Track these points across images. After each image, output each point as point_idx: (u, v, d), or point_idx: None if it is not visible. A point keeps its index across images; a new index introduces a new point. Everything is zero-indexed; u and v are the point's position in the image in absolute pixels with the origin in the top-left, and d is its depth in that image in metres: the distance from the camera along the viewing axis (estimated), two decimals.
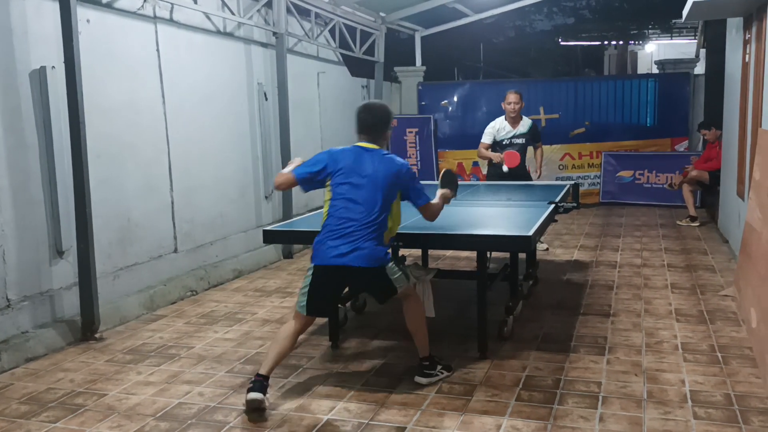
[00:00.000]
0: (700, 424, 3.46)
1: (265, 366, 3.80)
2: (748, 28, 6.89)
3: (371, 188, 3.86)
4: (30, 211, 4.82)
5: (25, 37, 4.75)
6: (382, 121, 4.06)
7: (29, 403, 3.92)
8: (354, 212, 3.83)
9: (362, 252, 3.78)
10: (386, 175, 3.89)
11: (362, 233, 3.80)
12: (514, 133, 7.28)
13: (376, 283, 3.93)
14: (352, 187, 3.87)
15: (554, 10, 25.91)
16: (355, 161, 3.93)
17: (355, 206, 3.84)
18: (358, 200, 3.84)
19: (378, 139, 4.02)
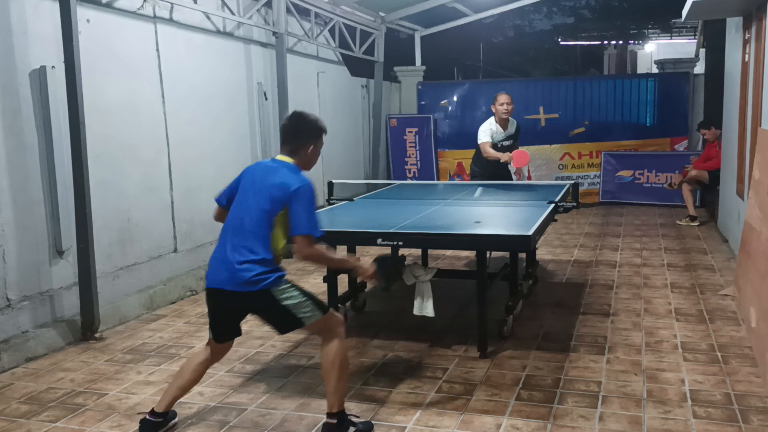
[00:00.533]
0: (700, 423, 3.46)
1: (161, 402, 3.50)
2: (747, 28, 6.89)
3: (253, 200, 3.36)
4: (30, 211, 4.82)
5: (25, 36, 4.75)
6: (303, 132, 3.49)
7: (29, 403, 3.93)
8: (235, 229, 3.37)
9: (238, 274, 3.27)
10: (271, 185, 3.33)
11: (240, 252, 3.30)
12: (505, 135, 7.03)
13: (263, 310, 3.39)
14: (238, 203, 3.44)
15: (554, 9, 25.88)
16: (253, 175, 3.48)
17: (237, 222, 3.38)
18: (240, 215, 3.38)
19: (297, 151, 3.46)
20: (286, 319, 3.37)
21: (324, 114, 9.51)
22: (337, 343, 3.42)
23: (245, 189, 3.45)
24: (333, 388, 3.40)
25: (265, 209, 3.32)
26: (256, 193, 3.38)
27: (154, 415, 3.48)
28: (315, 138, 3.52)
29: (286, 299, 3.33)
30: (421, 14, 10.76)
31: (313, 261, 3.50)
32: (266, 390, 4.03)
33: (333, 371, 3.39)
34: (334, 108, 9.92)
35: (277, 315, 3.37)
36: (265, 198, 3.33)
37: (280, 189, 3.30)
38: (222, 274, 3.33)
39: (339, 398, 3.42)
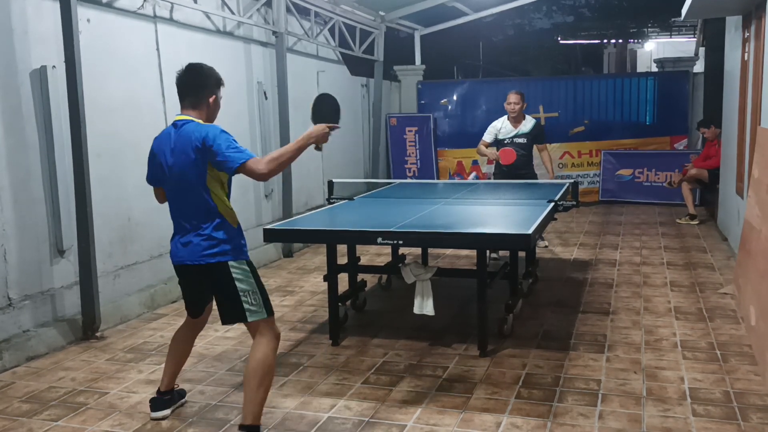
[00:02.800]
0: (699, 421, 3.47)
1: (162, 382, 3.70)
2: (747, 27, 6.90)
3: (178, 173, 3.27)
4: (31, 210, 4.83)
5: (26, 36, 4.76)
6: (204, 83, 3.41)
7: (31, 402, 3.94)
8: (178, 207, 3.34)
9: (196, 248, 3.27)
10: (183, 150, 3.23)
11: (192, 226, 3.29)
12: (516, 132, 7.27)
13: (218, 285, 3.30)
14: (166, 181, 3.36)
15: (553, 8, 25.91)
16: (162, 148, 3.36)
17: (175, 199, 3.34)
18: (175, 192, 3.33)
19: (199, 104, 3.39)
20: (233, 305, 3.27)
21: None
22: (270, 350, 3.28)
23: (165, 165, 3.33)
24: (252, 397, 3.21)
25: (194, 175, 3.22)
26: (177, 165, 3.26)
27: (161, 393, 3.70)
28: (215, 87, 3.42)
29: (240, 281, 3.26)
30: (421, 13, 10.77)
31: (274, 169, 3.18)
32: None
33: (256, 378, 3.20)
34: None
35: (227, 296, 3.28)
36: (187, 164, 3.22)
37: (195, 144, 3.18)
38: (182, 250, 3.33)
39: (257, 409, 3.24)
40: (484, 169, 11.51)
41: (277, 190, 8.04)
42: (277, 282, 6.71)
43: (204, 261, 3.26)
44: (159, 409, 3.68)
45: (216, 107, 3.45)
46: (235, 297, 3.25)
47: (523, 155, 7.24)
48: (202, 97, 3.38)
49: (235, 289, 3.25)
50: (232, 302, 3.27)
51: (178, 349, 3.71)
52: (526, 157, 7.29)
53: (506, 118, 7.36)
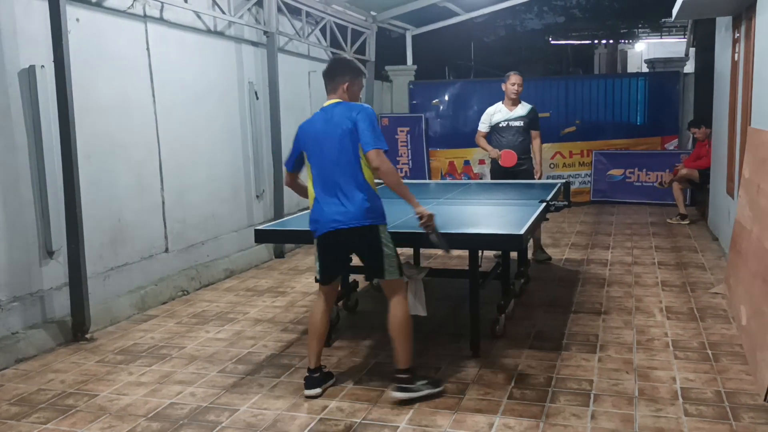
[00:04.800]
0: (691, 421, 3.48)
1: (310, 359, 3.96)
2: (737, 27, 6.93)
3: (330, 148, 3.71)
4: (20, 211, 4.79)
5: (14, 36, 4.72)
6: (337, 71, 3.86)
7: (20, 405, 3.90)
8: (329, 181, 3.73)
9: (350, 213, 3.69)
10: (337, 125, 3.70)
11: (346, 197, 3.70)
12: (511, 115, 6.92)
13: (366, 246, 3.76)
14: (318, 158, 3.77)
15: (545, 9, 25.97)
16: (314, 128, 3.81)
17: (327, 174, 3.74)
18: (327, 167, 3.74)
19: (336, 90, 3.85)
20: (377, 264, 3.75)
21: None
22: (405, 305, 3.82)
23: (316, 143, 3.77)
24: (404, 347, 3.76)
25: (346, 148, 3.67)
26: (329, 141, 3.71)
27: (311, 371, 3.93)
28: (350, 75, 3.86)
29: (385, 244, 3.76)
30: (413, 13, 10.76)
31: (387, 175, 3.69)
32: (258, 390, 4.02)
33: (402, 331, 3.76)
34: None
35: (373, 255, 3.75)
36: (340, 138, 3.67)
37: (346, 120, 3.67)
38: (335, 217, 3.70)
39: (409, 355, 3.77)
40: (476, 169, 11.51)
41: (269, 190, 8.02)
42: (268, 283, 6.69)
43: (363, 223, 3.69)
44: (311, 387, 3.89)
45: (352, 93, 3.88)
46: (380, 257, 3.73)
47: (521, 141, 6.92)
48: (337, 85, 3.84)
49: (381, 251, 3.74)
50: (377, 262, 3.75)
51: (318, 324, 3.94)
52: (524, 142, 6.94)
53: (501, 102, 7.04)
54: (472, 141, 11.85)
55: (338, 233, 3.73)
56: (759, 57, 5.61)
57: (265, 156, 7.92)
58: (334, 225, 3.72)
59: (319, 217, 3.80)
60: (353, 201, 3.69)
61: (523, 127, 6.96)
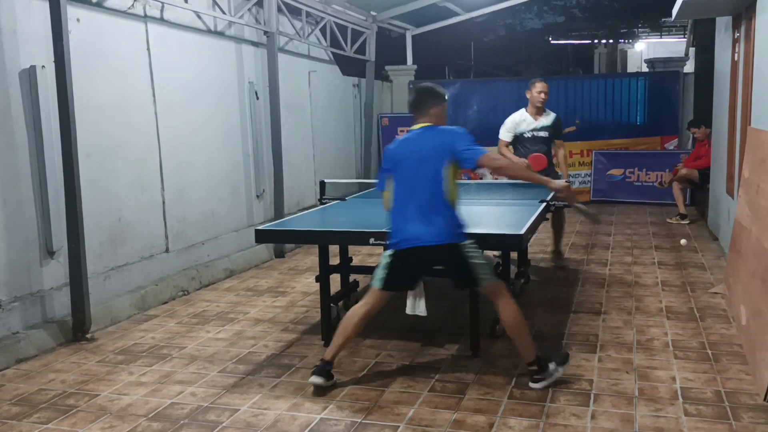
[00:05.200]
0: (691, 420, 3.48)
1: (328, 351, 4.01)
2: (737, 27, 6.93)
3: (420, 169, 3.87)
4: (20, 211, 4.79)
5: (15, 36, 4.72)
6: (423, 100, 4.04)
7: (20, 405, 3.90)
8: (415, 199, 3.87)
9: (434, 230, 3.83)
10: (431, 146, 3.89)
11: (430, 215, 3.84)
12: (536, 125, 6.58)
13: (451, 262, 3.91)
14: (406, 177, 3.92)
15: (544, 8, 25.98)
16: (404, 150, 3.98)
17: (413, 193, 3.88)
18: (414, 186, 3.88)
19: (425, 115, 4.02)
20: (468, 275, 3.89)
21: (315, 113, 9.51)
22: (513, 305, 3.96)
23: (406, 163, 3.91)
24: (524, 343, 3.94)
25: (436, 169, 3.83)
26: (418, 161, 3.86)
27: (325, 362, 3.96)
28: (439, 100, 4.05)
29: (472, 257, 3.86)
30: (413, 13, 10.76)
31: (508, 170, 4.13)
32: (259, 390, 4.02)
33: (519, 330, 3.94)
34: (326, 107, 9.91)
35: (462, 269, 3.88)
36: (432, 159, 3.84)
37: (441, 142, 3.87)
38: (419, 235, 3.82)
39: (531, 347, 3.94)
40: None
41: (269, 190, 8.02)
42: (268, 283, 6.69)
43: (447, 241, 3.82)
44: (319, 375, 3.91)
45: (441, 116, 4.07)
46: (469, 269, 3.87)
47: (546, 151, 6.57)
48: (425, 111, 4.02)
49: (468, 264, 3.86)
50: (468, 273, 3.88)
51: (353, 332, 4.01)
52: (548, 152, 6.60)
53: (524, 110, 6.66)
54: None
55: (421, 250, 3.85)
56: (759, 57, 5.62)
57: (265, 156, 7.92)
58: (416, 242, 3.84)
59: (402, 232, 3.90)
60: (437, 220, 3.83)
61: (548, 137, 6.64)
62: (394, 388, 3.99)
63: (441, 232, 3.82)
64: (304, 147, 9.24)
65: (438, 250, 3.84)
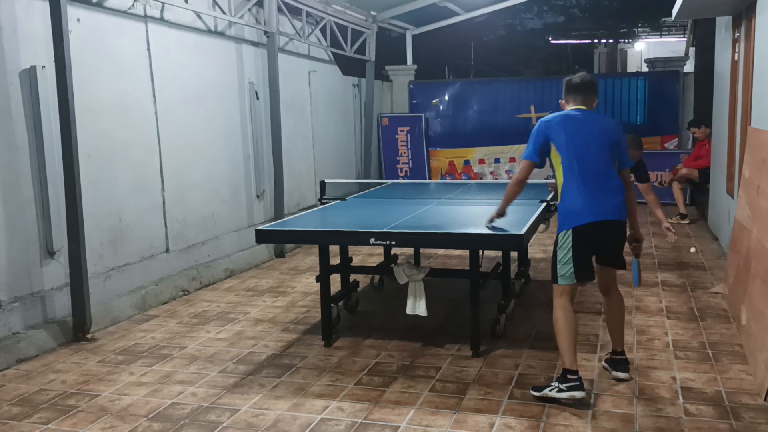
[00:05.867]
0: (692, 420, 3.48)
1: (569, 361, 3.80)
2: (737, 27, 6.93)
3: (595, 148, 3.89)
4: (20, 211, 4.79)
5: (15, 36, 4.72)
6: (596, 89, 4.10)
7: (21, 405, 3.90)
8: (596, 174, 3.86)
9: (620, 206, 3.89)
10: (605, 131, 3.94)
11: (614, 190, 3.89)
12: None
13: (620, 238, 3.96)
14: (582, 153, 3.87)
15: (544, 8, 25.98)
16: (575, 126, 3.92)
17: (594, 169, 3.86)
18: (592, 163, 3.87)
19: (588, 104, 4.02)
20: (620, 255, 3.98)
21: (315, 113, 9.51)
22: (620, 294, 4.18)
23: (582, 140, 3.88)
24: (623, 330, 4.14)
25: (610, 152, 3.91)
26: (595, 141, 3.89)
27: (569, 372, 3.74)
28: (597, 96, 4.14)
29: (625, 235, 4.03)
30: (413, 13, 10.76)
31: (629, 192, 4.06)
32: (259, 390, 4.02)
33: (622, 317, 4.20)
34: (326, 107, 9.91)
35: (621, 247, 3.98)
36: (606, 142, 3.91)
37: (614, 131, 3.98)
38: (610, 209, 3.83)
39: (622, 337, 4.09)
40: (475, 169, 11.53)
41: (269, 190, 8.02)
42: (269, 283, 6.69)
43: (624, 218, 3.95)
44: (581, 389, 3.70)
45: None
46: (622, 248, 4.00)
47: None
48: (593, 100, 4.07)
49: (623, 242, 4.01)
50: (620, 252, 3.98)
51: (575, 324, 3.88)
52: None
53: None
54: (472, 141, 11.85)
55: (604, 224, 3.82)
56: (759, 57, 5.62)
57: (265, 156, 7.92)
58: (604, 215, 3.82)
59: (587, 207, 3.81)
60: (617, 198, 3.88)
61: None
62: (394, 388, 3.99)
63: (623, 210, 3.90)
64: (304, 147, 9.24)
65: (616, 226, 3.89)
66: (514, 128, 11.52)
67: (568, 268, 3.83)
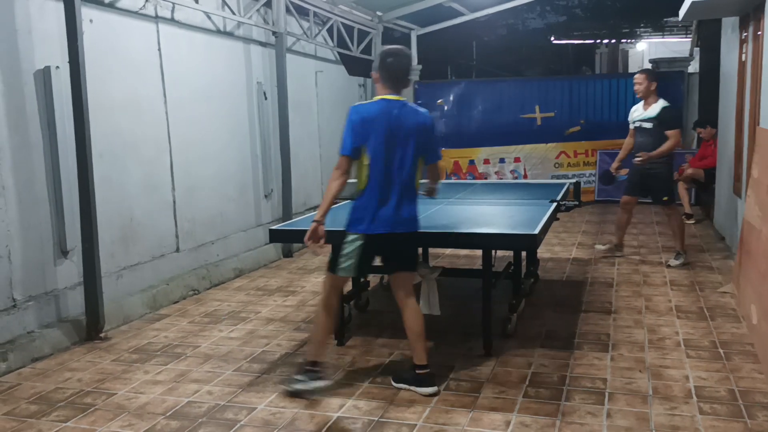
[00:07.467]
0: (706, 419, 3.51)
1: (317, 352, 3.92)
2: (744, 28, 6.95)
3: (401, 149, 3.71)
4: (35, 210, 4.82)
5: (29, 36, 4.75)
6: (410, 69, 3.84)
7: (38, 403, 3.93)
8: (392, 180, 3.72)
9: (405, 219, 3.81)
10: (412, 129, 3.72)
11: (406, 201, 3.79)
12: (643, 116, 6.77)
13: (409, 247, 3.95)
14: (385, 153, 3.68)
15: (547, 8, 25.96)
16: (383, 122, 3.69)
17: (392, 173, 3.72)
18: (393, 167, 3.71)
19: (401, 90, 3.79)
20: (414, 257, 3.98)
21: (322, 113, 9.53)
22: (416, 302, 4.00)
23: (386, 138, 3.68)
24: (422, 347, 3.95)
25: (415, 155, 3.74)
26: (401, 141, 3.70)
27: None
28: (411, 75, 3.91)
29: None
30: (418, 13, 10.77)
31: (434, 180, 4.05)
32: (275, 389, 4.05)
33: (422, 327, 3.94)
34: (332, 107, 9.93)
35: (413, 253, 3.97)
36: (412, 143, 3.71)
37: (423, 128, 3.75)
38: (399, 220, 3.77)
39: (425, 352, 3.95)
40: (480, 169, 11.54)
41: (277, 190, 8.04)
42: (278, 282, 6.71)
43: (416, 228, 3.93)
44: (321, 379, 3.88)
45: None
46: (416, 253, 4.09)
47: (649, 143, 6.66)
48: (406, 85, 3.83)
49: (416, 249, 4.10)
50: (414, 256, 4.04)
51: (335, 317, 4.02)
52: (653, 144, 6.61)
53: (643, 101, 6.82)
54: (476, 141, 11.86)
55: (400, 235, 3.81)
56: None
57: (273, 156, 7.94)
58: (395, 229, 3.78)
59: (381, 217, 3.75)
60: (412, 207, 3.84)
61: (652, 128, 6.68)
62: None
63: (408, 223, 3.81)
64: (311, 146, 9.26)
65: (403, 237, 3.80)
66: (518, 128, 11.55)
67: (350, 263, 3.82)
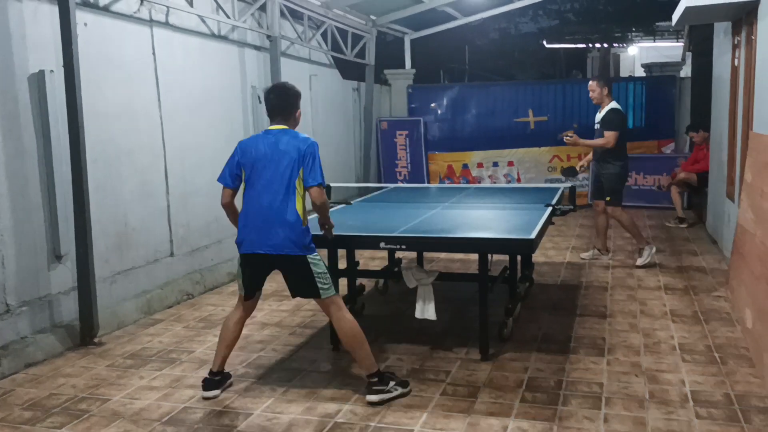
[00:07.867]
0: (703, 423, 3.52)
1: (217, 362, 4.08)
2: (737, 33, 6.99)
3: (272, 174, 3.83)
4: (28, 216, 4.78)
5: (23, 40, 4.72)
6: (291, 101, 4.01)
7: (32, 409, 3.90)
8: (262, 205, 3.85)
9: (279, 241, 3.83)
10: (284, 153, 3.82)
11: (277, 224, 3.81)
12: (597, 119, 7.14)
13: (293, 271, 3.94)
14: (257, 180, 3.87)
15: (539, 12, 26.07)
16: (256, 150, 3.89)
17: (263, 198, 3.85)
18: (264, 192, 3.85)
19: (288, 118, 3.97)
20: (308, 286, 3.89)
21: (316, 117, 9.52)
22: (350, 318, 3.93)
23: (258, 166, 3.86)
24: (362, 356, 3.91)
25: (288, 178, 3.79)
26: (273, 166, 3.81)
27: (212, 374, 4.05)
28: (298, 103, 4.04)
29: (315, 266, 3.87)
30: (412, 17, 10.80)
31: (323, 209, 3.97)
32: (271, 394, 4.03)
33: (355, 343, 3.89)
34: (326, 111, 9.92)
35: (302, 279, 3.90)
36: (284, 167, 3.79)
37: (295, 151, 3.79)
38: (263, 241, 3.83)
39: (370, 361, 3.90)
40: (474, 173, 11.56)
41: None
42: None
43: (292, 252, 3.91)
44: (210, 389, 3.99)
45: (299, 117, 4.08)
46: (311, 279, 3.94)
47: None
48: (290, 114, 3.99)
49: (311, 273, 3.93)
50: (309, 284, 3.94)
51: (232, 337, 4.09)
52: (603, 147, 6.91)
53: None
54: (470, 145, 11.91)
55: (266, 257, 3.89)
56: (761, 62, 5.67)
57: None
58: (263, 249, 3.86)
59: (249, 236, 3.90)
60: (284, 230, 3.81)
61: (599, 130, 7.05)
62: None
63: (287, 244, 3.81)
64: None
65: (283, 260, 3.86)
66: (512, 132, 11.59)
67: (239, 281, 4.09)
